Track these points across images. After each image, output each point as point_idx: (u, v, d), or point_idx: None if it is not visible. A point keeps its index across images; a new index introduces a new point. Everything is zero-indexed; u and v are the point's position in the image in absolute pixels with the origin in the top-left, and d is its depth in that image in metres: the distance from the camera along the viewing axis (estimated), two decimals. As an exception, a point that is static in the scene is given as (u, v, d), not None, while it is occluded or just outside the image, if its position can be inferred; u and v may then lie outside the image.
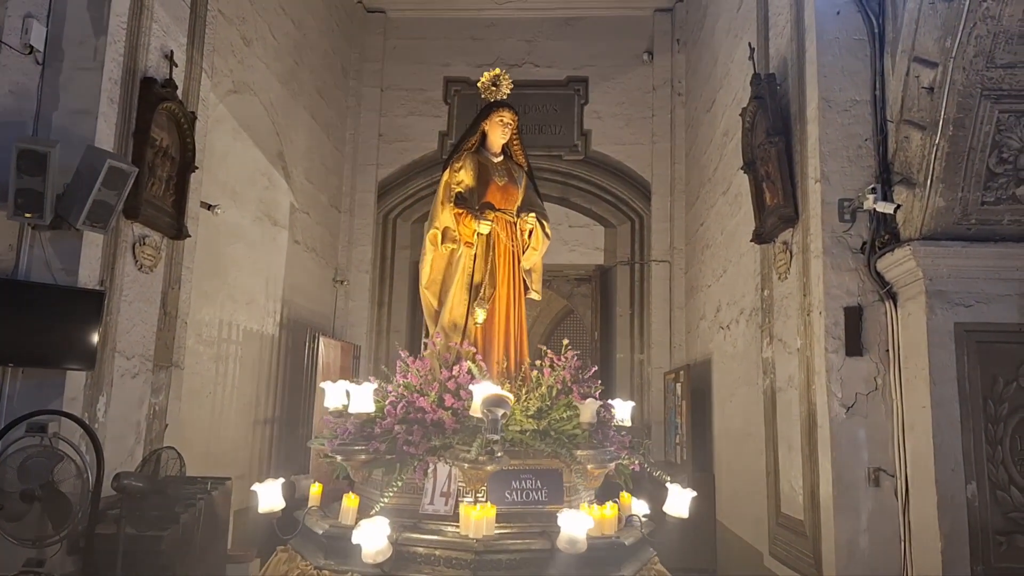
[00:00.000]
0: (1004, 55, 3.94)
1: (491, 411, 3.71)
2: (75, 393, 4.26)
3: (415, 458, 4.02)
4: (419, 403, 4.21)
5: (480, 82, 5.20)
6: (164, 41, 5.10)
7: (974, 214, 4.37)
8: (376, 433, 4.16)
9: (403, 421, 4.15)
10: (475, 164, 4.90)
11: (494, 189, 4.88)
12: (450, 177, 4.88)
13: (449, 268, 4.78)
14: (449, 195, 4.81)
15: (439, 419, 4.12)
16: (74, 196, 4.13)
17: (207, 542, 4.78)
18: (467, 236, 4.71)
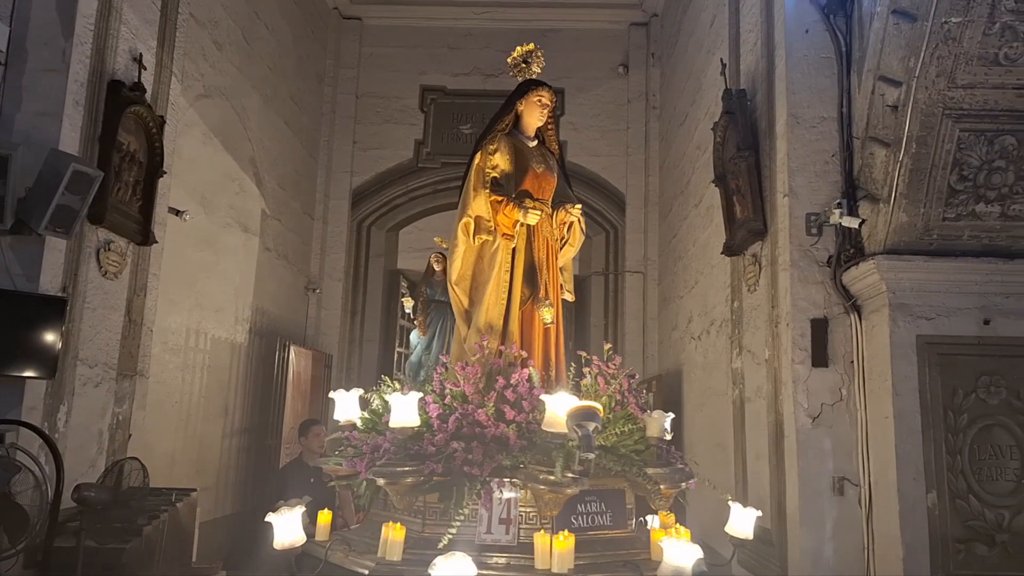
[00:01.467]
0: (965, 76, 4.04)
1: (582, 426, 3.20)
2: (34, 402, 4.18)
3: (477, 480, 3.41)
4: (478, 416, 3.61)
5: (511, 57, 4.68)
6: (133, 44, 5.05)
7: (936, 229, 4.46)
8: (430, 451, 3.48)
9: (457, 437, 3.54)
10: (511, 147, 4.33)
11: (532, 176, 4.30)
12: (483, 160, 4.27)
13: (480, 262, 4.22)
14: (483, 180, 4.21)
15: (502, 435, 3.53)
16: (36, 200, 4.06)
17: (171, 555, 4.70)
18: (507, 227, 4.15)
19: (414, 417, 3.59)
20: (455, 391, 3.78)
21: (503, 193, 4.20)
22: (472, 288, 4.25)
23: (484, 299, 4.12)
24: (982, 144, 4.20)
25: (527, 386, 3.72)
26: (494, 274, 4.13)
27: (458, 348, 4.27)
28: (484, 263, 4.20)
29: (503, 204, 4.15)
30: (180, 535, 4.85)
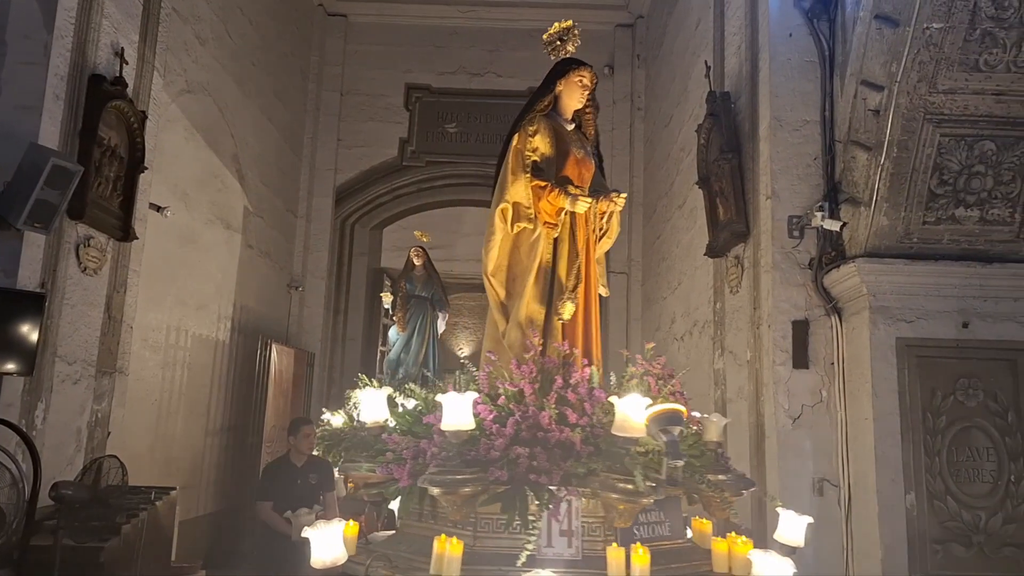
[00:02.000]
0: (946, 81, 4.09)
1: (666, 431, 2.95)
2: (12, 399, 4.13)
3: (543, 490, 3.10)
4: (542, 419, 3.28)
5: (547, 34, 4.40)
6: (115, 38, 5.00)
7: (916, 233, 4.51)
8: (494, 457, 3.17)
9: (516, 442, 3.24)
10: (551, 130, 4.00)
11: (572, 162, 3.99)
12: (522, 142, 3.94)
13: (517, 252, 3.92)
14: (523, 164, 3.90)
15: (566, 440, 3.24)
16: (15, 195, 4.02)
17: (150, 554, 4.67)
18: (549, 215, 3.84)
19: (469, 419, 3.21)
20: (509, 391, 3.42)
21: (545, 178, 3.87)
22: (508, 280, 3.92)
23: (525, 291, 3.81)
24: (962, 149, 4.26)
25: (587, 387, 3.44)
26: (536, 265, 3.82)
27: (492, 343, 3.98)
28: (522, 253, 3.89)
29: (547, 190, 3.81)
30: (159, 534, 4.82)
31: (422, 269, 9.13)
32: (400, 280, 9.10)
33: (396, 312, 8.88)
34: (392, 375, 8.53)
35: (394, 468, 3.31)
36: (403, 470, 3.27)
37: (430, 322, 8.96)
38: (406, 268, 9.16)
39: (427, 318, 8.93)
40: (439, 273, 9.34)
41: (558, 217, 3.82)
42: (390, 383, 8.29)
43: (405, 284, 9.00)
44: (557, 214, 3.81)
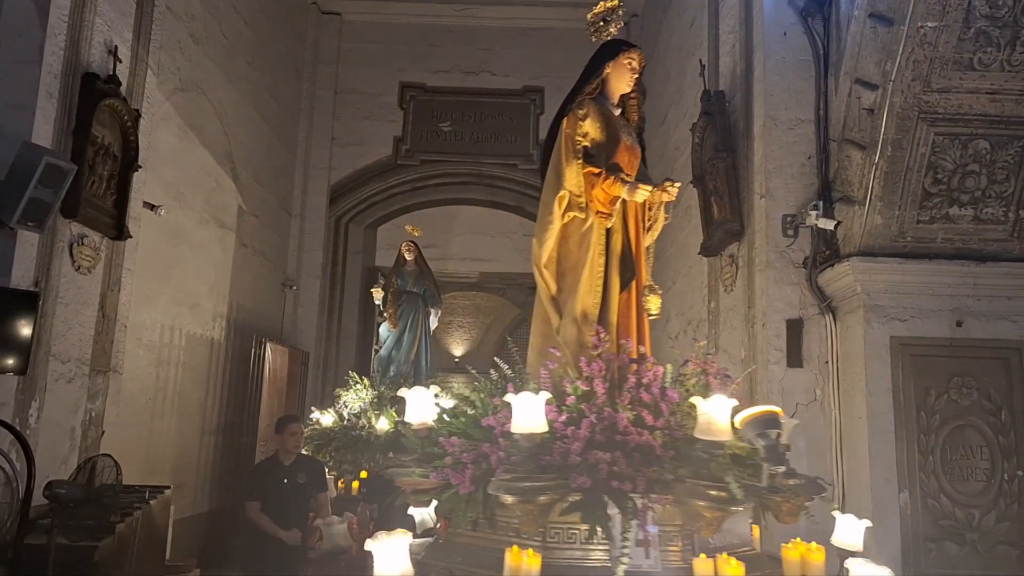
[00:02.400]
0: (940, 80, 4.10)
1: (764, 434, 2.79)
2: (5, 398, 4.11)
3: (624, 497, 2.89)
4: (620, 422, 3.06)
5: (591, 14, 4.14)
6: (108, 36, 4.98)
7: (910, 232, 4.52)
8: (574, 463, 2.93)
9: (591, 445, 3.02)
10: (600, 114, 3.77)
11: (623, 149, 3.75)
12: (572, 127, 3.71)
13: (566, 243, 3.69)
14: (574, 150, 3.67)
15: (646, 443, 3.03)
16: (8, 193, 4.00)
17: (144, 553, 4.65)
18: (602, 204, 3.61)
19: (541, 422, 2.97)
20: (579, 390, 3.19)
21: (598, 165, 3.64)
22: (559, 273, 3.69)
23: (579, 285, 3.60)
24: (956, 148, 4.27)
25: (659, 386, 3.24)
26: (590, 257, 3.59)
27: (541, 339, 3.74)
28: (572, 244, 3.66)
29: (601, 177, 3.57)
30: (153, 533, 4.80)
31: (413, 264, 8.90)
32: (391, 276, 8.88)
33: (387, 308, 8.66)
34: (383, 373, 8.43)
35: (452, 473, 3.06)
36: (464, 476, 3.03)
37: (422, 318, 8.77)
38: (397, 263, 8.96)
39: (419, 314, 8.73)
40: (431, 269, 9.14)
41: (612, 206, 3.59)
42: (381, 381, 8.07)
43: (396, 280, 8.76)
44: (611, 203, 3.58)
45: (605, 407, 3.09)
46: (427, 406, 3.43)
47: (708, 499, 2.82)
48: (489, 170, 10.57)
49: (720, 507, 2.83)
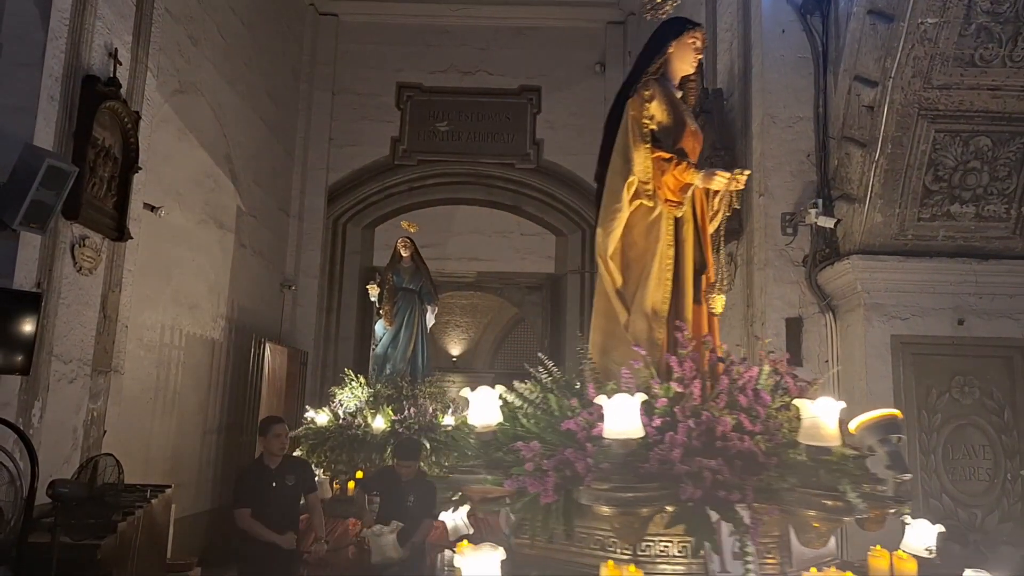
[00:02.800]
0: (940, 76, 4.11)
1: (886, 440, 2.64)
2: (9, 398, 4.11)
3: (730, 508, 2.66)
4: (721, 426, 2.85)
5: None
6: (108, 38, 4.98)
7: (911, 230, 4.53)
8: (681, 471, 2.69)
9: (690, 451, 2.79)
10: (665, 96, 3.49)
11: (688, 133, 3.49)
12: (638, 109, 3.41)
13: (630, 233, 3.43)
14: (641, 133, 3.38)
15: (748, 450, 2.80)
16: (10, 195, 4.00)
17: (146, 551, 4.65)
18: (672, 192, 3.34)
19: (637, 426, 2.72)
20: (670, 391, 2.96)
21: (666, 149, 3.38)
22: (622, 264, 3.43)
23: (648, 278, 3.35)
24: (957, 145, 4.28)
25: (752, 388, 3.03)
26: (659, 248, 3.34)
27: (603, 337, 3.49)
28: (636, 234, 3.40)
29: (672, 163, 3.30)
30: (155, 531, 4.81)
31: (409, 261, 8.66)
32: (387, 272, 8.65)
33: (383, 305, 8.45)
34: (379, 371, 8.31)
35: (529, 481, 2.82)
36: (544, 484, 2.79)
37: (418, 316, 8.54)
38: (393, 260, 8.75)
39: (415, 312, 8.50)
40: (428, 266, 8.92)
41: (682, 194, 3.33)
42: (377, 379, 8.10)
43: (392, 276, 8.53)
44: (681, 191, 3.32)
45: (702, 410, 2.88)
46: (492, 407, 3.17)
47: (822, 509, 2.61)
48: (486, 170, 10.58)
49: (834, 518, 2.64)
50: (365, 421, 7.47)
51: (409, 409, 7.54)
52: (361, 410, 7.61)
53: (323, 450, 7.28)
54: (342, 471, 7.23)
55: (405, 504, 5.34)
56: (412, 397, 7.82)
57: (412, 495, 5.37)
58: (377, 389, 7.91)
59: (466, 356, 16.24)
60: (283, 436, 5.13)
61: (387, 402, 7.63)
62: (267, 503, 4.93)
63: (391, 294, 8.42)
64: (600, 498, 2.62)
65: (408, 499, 5.35)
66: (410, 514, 5.30)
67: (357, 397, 7.82)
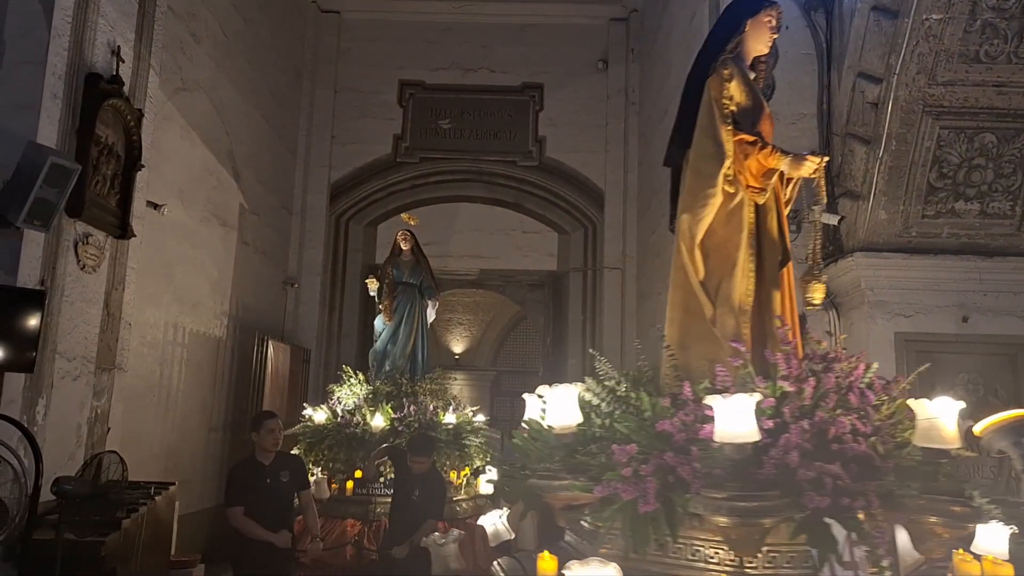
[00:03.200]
0: (945, 73, 4.10)
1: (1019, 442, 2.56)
2: (13, 395, 4.11)
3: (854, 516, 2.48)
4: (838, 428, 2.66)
5: None
6: (111, 36, 4.98)
7: (915, 227, 4.53)
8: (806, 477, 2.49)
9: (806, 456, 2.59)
10: (743, 77, 3.31)
11: (766, 117, 3.35)
12: (719, 89, 3.21)
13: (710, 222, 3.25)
14: (724, 114, 3.19)
15: (864, 453, 2.62)
16: (14, 193, 4.00)
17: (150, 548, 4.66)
18: (755, 177, 3.18)
19: (752, 428, 2.51)
20: (779, 390, 2.78)
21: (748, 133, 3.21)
22: (704, 254, 3.23)
23: (733, 269, 3.16)
24: (962, 141, 4.27)
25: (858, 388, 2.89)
26: (743, 238, 3.17)
27: (682, 333, 3.29)
28: (716, 221, 3.21)
29: (756, 147, 3.13)
30: (159, 528, 4.81)
31: (409, 254, 8.48)
32: (386, 266, 8.49)
33: (383, 300, 8.26)
34: (379, 368, 8.19)
35: (623, 487, 2.62)
36: (644, 490, 2.59)
37: (418, 311, 8.38)
38: (392, 253, 8.59)
39: (415, 307, 8.33)
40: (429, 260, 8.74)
41: (766, 180, 3.15)
42: (376, 376, 8.05)
43: (392, 270, 8.36)
44: (765, 176, 3.15)
45: (814, 411, 2.71)
46: (571, 406, 2.98)
47: (949, 516, 2.47)
48: (488, 167, 10.58)
49: (960, 525, 2.51)
50: (364, 419, 7.36)
51: (409, 407, 7.40)
52: (360, 408, 7.50)
53: (321, 448, 7.22)
54: (340, 470, 7.16)
55: (410, 499, 5.32)
56: (412, 394, 7.69)
57: (418, 490, 5.32)
58: (376, 386, 7.81)
59: (468, 354, 16.25)
60: (276, 431, 5.01)
61: (386, 399, 7.52)
62: (260, 501, 4.82)
63: (391, 288, 8.24)
64: (720, 508, 2.42)
65: (414, 493, 5.31)
66: (412, 510, 5.27)
67: (355, 394, 7.73)
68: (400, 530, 5.23)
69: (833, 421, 2.65)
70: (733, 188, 3.15)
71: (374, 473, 6.45)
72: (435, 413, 7.52)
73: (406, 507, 5.30)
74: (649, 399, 2.98)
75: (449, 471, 7.23)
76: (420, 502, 5.28)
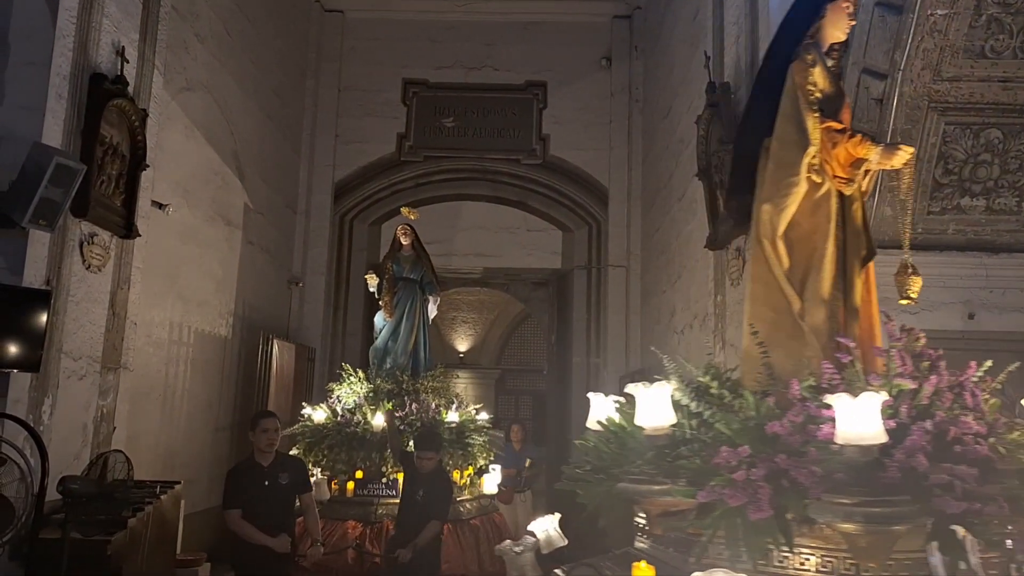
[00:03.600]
0: (950, 68, 4.08)
1: None
2: (19, 395, 4.13)
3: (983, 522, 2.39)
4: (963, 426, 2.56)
5: None
6: (115, 37, 4.99)
7: (920, 223, 4.50)
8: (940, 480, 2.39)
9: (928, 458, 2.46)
10: (823, 63, 3.22)
11: (847, 106, 3.30)
12: (803, 75, 3.12)
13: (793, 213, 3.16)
14: (809, 101, 3.09)
15: (985, 455, 2.52)
16: (20, 194, 4.02)
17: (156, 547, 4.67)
18: (842, 167, 3.06)
19: (878, 428, 2.37)
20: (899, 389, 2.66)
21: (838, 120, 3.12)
22: (788, 246, 3.12)
23: (824, 261, 3.04)
24: (967, 137, 4.25)
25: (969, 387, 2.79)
26: (831, 229, 3.07)
27: (769, 327, 3.15)
28: (800, 212, 3.11)
29: (845, 135, 3.03)
30: (165, 527, 4.82)
31: (410, 249, 8.23)
32: (386, 261, 8.26)
33: (383, 296, 8.00)
34: (379, 365, 7.94)
35: (731, 492, 2.47)
36: (757, 496, 2.44)
37: (420, 307, 8.12)
38: (392, 248, 8.38)
39: (416, 302, 8.06)
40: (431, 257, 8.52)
41: (854, 170, 3.06)
42: (377, 374, 7.79)
43: (391, 266, 8.11)
44: (852, 166, 3.05)
45: (934, 411, 2.60)
46: (663, 406, 2.83)
47: None
48: (492, 165, 10.57)
49: None
50: (364, 418, 7.18)
51: (411, 405, 7.24)
52: (360, 406, 7.33)
53: (320, 448, 7.09)
54: (341, 471, 7.03)
55: (414, 498, 5.18)
56: (413, 392, 7.51)
57: (423, 489, 5.17)
58: (377, 384, 7.60)
59: (473, 352, 16.26)
60: (271, 431, 4.77)
61: (387, 397, 7.36)
62: (259, 503, 4.62)
63: (390, 284, 8.00)
64: (850, 514, 2.27)
65: (418, 493, 5.17)
66: (416, 510, 5.13)
67: (356, 393, 7.55)
68: (405, 532, 5.18)
69: (954, 421, 2.54)
70: (820, 178, 3.06)
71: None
72: (437, 411, 7.40)
73: (411, 508, 5.21)
74: (754, 399, 2.83)
75: (452, 470, 7.12)
76: (425, 503, 5.15)
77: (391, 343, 7.96)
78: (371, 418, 7.16)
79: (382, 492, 6.86)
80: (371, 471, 7.05)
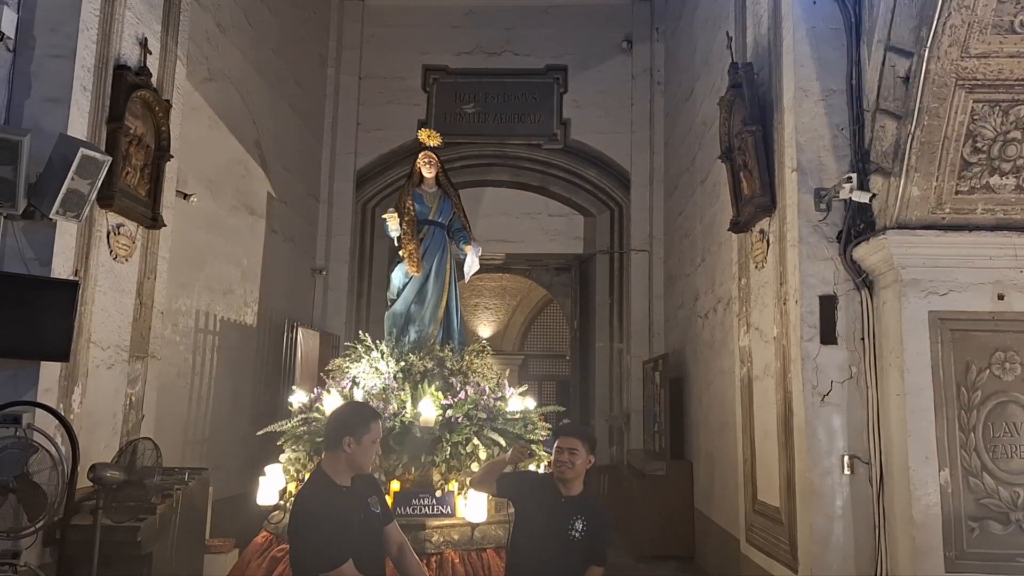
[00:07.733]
0: (979, 45, 3.97)
1: None
2: (50, 384, 4.21)
3: None
4: None
5: None
6: (138, 28, 5.03)
7: (948, 203, 4.41)
8: None
9: None
10: None
11: None
12: None
13: None
14: None
15: None
16: (47, 185, 4.08)
17: (184, 532, 4.76)
18: None
19: None
20: None
21: None
22: None
23: None
24: (996, 115, 4.14)
25: None
26: None
27: None
28: None
29: None
30: (193, 513, 4.91)
31: (434, 183, 6.27)
32: (404, 196, 6.12)
33: (407, 244, 5.93)
34: (399, 335, 5.93)
35: None
36: None
37: (450, 261, 6.13)
38: (411, 180, 6.31)
39: (447, 255, 6.10)
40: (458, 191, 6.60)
41: None
42: (397, 347, 5.84)
43: (412, 204, 6.03)
44: None
45: None
46: None
47: None
48: (513, 151, 10.54)
49: None
50: (404, 407, 5.20)
51: (465, 389, 5.38)
52: (392, 391, 5.37)
53: None
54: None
55: (565, 531, 3.32)
56: (461, 372, 5.59)
57: (583, 520, 3.35)
58: (410, 361, 5.54)
59: (496, 338, 16.29)
60: (378, 442, 3.19)
61: (424, 379, 5.43)
62: (362, 547, 3.01)
63: (413, 228, 5.91)
64: None
65: (574, 527, 3.32)
66: (570, 550, 3.31)
67: (379, 373, 5.53)
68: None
69: None
70: None
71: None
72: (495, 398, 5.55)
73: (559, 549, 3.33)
74: None
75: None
76: (585, 540, 3.34)
77: (415, 307, 5.99)
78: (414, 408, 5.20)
79: (432, 509, 4.99)
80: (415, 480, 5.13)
